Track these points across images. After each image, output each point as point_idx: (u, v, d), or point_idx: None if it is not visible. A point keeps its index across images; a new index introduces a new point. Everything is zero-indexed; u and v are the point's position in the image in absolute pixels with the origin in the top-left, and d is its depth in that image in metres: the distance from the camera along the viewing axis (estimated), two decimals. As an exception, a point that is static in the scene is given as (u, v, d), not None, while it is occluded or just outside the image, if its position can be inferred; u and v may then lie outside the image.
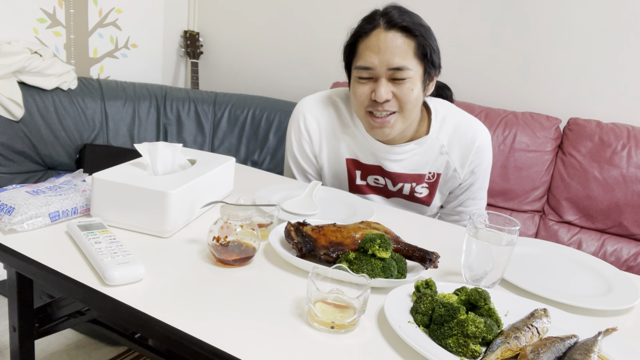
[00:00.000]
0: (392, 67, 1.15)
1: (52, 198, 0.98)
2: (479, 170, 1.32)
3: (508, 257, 0.89)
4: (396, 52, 1.14)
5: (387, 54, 1.14)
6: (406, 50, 1.15)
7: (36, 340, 1.08)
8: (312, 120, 1.34)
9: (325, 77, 2.60)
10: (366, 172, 1.34)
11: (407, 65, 1.15)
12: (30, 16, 2.29)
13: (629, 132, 1.90)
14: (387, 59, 1.15)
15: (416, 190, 1.33)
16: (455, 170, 1.30)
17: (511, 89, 2.23)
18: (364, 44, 1.18)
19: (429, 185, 1.32)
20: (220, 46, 2.95)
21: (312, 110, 1.34)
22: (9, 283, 1.00)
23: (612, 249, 1.90)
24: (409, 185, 1.32)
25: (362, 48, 1.19)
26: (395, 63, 1.15)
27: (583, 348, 0.72)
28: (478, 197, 1.37)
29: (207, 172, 1.07)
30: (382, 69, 1.16)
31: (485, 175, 1.36)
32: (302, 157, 1.38)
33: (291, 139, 1.38)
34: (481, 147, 1.30)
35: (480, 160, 1.31)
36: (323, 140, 1.34)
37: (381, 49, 1.15)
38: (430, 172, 1.30)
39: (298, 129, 1.35)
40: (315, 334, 0.73)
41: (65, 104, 2.21)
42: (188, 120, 2.45)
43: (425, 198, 1.34)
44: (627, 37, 1.99)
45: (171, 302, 0.77)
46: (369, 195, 1.38)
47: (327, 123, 1.33)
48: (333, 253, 0.90)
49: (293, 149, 1.38)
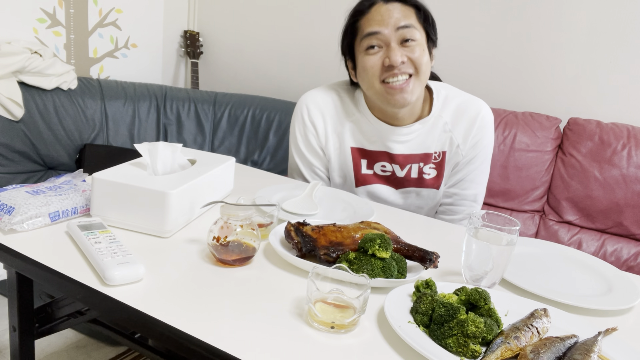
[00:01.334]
0: (400, 25, 1.17)
1: (52, 198, 0.98)
2: (480, 146, 1.31)
3: (508, 257, 0.89)
4: (400, 16, 1.18)
5: (393, 18, 1.18)
6: (409, 14, 1.20)
7: (36, 340, 1.08)
8: (316, 112, 1.33)
9: (325, 77, 2.59)
10: (372, 160, 1.32)
11: (412, 24, 1.19)
12: (30, 16, 2.29)
13: (629, 132, 1.90)
14: (394, 21, 1.18)
15: (424, 171, 1.31)
16: (458, 147, 1.30)
17: (511, 89, 2.23)
18: (365, 19, 1.21)
19: (436, 165, 1.31)
20: (220, 46, 2.95)
21: (315, 101, 1.34)
22: (9, 283, 1.00)
23: (612, 249, 1.90)
24: (416, 166, 1.31)
25: (364, 22, 1.21)
26: (402, 22, 1.18)
27: (583, 348, 0.72)
28: (476, 181, 1.34)
29: (207, 172, 1.07)
30: (391, 30, 1.18)
31: (485, 156, 1.34)
32: (309, 151, 1.36)
33: (296, 134, 1.37)
34: (484, 121, 1.30)
35: (482, 135, 1.31)
36: (329, 130, 1.33)
37: (384, 17, 1.18)
38: (436, 152, 1.31)
39: (302, 122, 1.34)
40: (315, 334, 0.73)
41: (65, 104, 2.21)
42: (188, 120, 2.45)
43: (433, 180, 1.33)
44: (627, 37, 1.99)
45: (171, 302, 0.77)
46: (376, 186, 1.35)
47: (331, 112, 1.33)
48: (333, 253, 0.90)
49: (299, 144, 1.36)
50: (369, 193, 1.36)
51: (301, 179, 1.40)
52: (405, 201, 1.37)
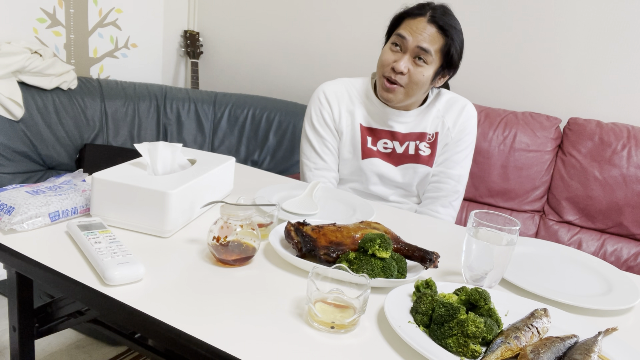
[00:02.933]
0: (419, 45, 1.38)
1: (52, 198, 0.98)
2: (465, 133, 1.53)
3: (508, 257, 0.89)
4: (427, 39, 1.39)
5: (420, 36, 1.39)
6: (434, 42, 1.39)
7: (36, 340, 1.08)
8: (331, 93, 1.56)
9: (326, 77, 2.58)
10: (377, 137, 1.53)
11: (430, 51, 1.39)
12: (30, 16, 2.29)
13: (629, 132, 1.90)
14: (419, 39, 1.38)
15: (420, 148, 1.53)
16: (449, 129, 1.52)
17: (511, 89, 2.23)
18: (408, 21, 1.42)
19: (430, 145, 1.53)
20: (220, 46, 2.95)
21: (331, 86, 1.58)
22: (9, 283, 1.00)
23: (612, 249, 1.90)
24: (413, 143, 1.52)
25: (406, 23, 1.42)
26: (423, 44, 1.38)
27: (583, 348, 0.72)
28: (460, 163, 1.53)
29: (207, 172, 1.07)
30: (412, 44, 1.39)
31: (469, 143, 1.54)
32: (322, 126, 1.55)
33: (311, 113, 1.57)
34: (469, 114, 1.53)
35: (468, 124, 1.53)
36: (342, 110, 1.54)
37: (418, 31, 1.39)
38: (430, 133, 1.53)
39: (318, 101, 1.56)
40: (315, 334, 0.73)
41: (65, 103, 2.21)
42: (188, 120, 2.45)
43: (427, 157, 1.53)
44: (627, 37, 1.99)
45: (171, 302, 0.77)
46: (377, 160, 1.53)
47: (344, 96, 1.56)
48: (333, 253, 0.90)
49: (313, 121, 1.56)
50: (372, 166, 1.53)
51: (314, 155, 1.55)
52: (404, 178, 1.54)
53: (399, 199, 1.56)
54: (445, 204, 1.52)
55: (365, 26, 2.48)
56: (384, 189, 1.54)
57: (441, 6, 1.43)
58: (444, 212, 1.51)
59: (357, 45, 2.53)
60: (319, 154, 1.54)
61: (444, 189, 1.53)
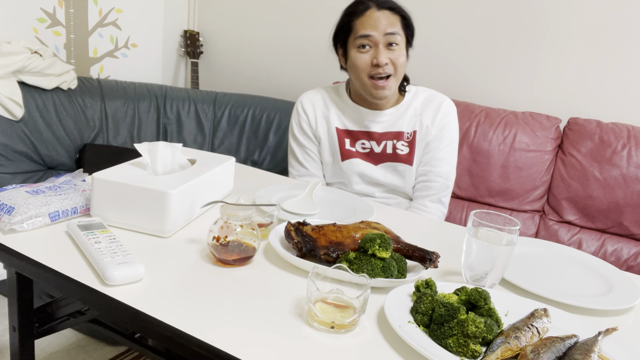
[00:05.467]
0: (387, 32, 1.43)
1: (52, 198, 0.98)
2: (446, 130, 1.55)
3: (508, 257, 0.89)
4: (388, 23, 1.44)
5: (382, 24, 1.43)
6: (395, 22, 1.45)
7: (36, 340, 1.08)
8: (307, 102, 1.61)
9: (326, 77, 2.59)
10: (354, 138, 1.57)
11: (397, 32, 1.44)
12: (30, 16, 2.29)
13: (629, 132, 1.90)
14: (383, 27, 1.43)
15: (397, 147, 1.55)
16: (427, 127, 1.54)
17: (511, 89, 2.23)
18: (359, 21, 1.46)
19: (408, 143, 1.56)
20: (220, 46, 2.95)
21: (307, 96, 1.63)
22: (9, 283, 1.00)
23: (612, 249, 1.90)
24: (391, 142, 1.55)
25: (359, 24, 1.46)
26: (390, 29, 1.43)
27: (583, 348, 0.72)
28: (445, 160, 1.56)
29: (207, 172, 1.07)
30: (380, 35, 1.43)
31: (451, 139, 1.56)
32: (302, 135, 1.61)
33: (292, 123, 1.63)
34: (447, 109, 1.56)
35: (447, 120, 1.55)
36: (318, 116, 1.59)
37: (376, 22, 1.43)
38: (408, 132, 1.55)
39: (297, 113, 1.62)
40: (315, 334, 0.73)
41: (65, 103, 2.20)
42: (188, 120, 2.45)
43: (406, 156, 1.56)
44: (627, 37, 1.99)
45: (171, 302, 0.77)
46: (357, 160, 1.56)
47: (319, 103, 1.61)
48: (333, 253, 0.90)
49: (294, 131, 1.62)
50: (353, 166, 1.56)
51: (297, 164, 1.63)
52: (385, 176, 1.57)
53: (385, 194, 1.60)
54: (434, 200, 1.56)
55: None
56: (367, 187, 1.58)
57: None
58: (432, 207, 1.55)
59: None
60: (301, 162, 1.61)
61: (434, 187, 1.56)
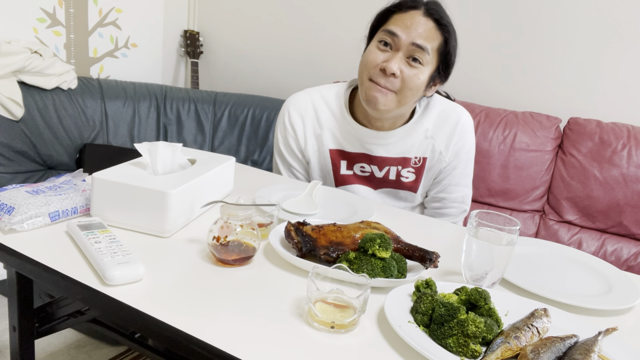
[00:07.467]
0: (415, 42, 1.19)
1: (52, 198, 0.98)
2: (462, 153, 1.36)
3: (508, 257, 0.89)
4: (424, 34, 1.19)
5: (416, 32, 1.19)
6: (432, 39, 1.20)
7: (36, 340, 1.08)
8: (296, 116, 1.36)
9: (326, 77, 2.59)
10: (352, 161, 1.35)
11: (427, 49, 1.19)
12: (30, 16, 2.29)
13: (629, 131, 1.90)
14: (414, 35, 1.19)
15: (402, 175, 1.35)
16: (441, 153, 1.33)
17: (511, 88, 2.23)
18: (398, 16, 1.22)
19: (415, 170, 1.35)
20: (220, 46, 2.95)
21: (296, 105, 1.37)
22: (9, 283, 1.00)
23: (612, 249, 1.90)
24: (394, 169, 1.34)
25: (396, 18, 1.23)
26: (419, 41, 1.19)
27: (583, 348, 0.72)
28: (461, 184, 1.39)
29: (207, 171, 1.06)
30: (406, 41, 1.19)
31: (468, 160, 1.38)
32: (288, 153, 1.40)
33: (277, 136, 1.41)
34: (464, 128, 1.34)
35: (464, 141, 1.35)
36: (307, 133, 1.36)
37: (412, 26, 1.19)
38: (417, 157, 1.34)
39: (283, 125, 1.38)
40: (315, 333, 0.73)
41: (65, 103, 2.21)
42: (188, 120, 2.45)
43: (411, 183, 1.36)
44: (627, 37, 1.99)
45: (171, 302, 0.77)
46: (355, 186, 1.38)
47: (310, 116, 1.36)
48: (333, 253, 0.90)
49: (279, 145, 1.41)
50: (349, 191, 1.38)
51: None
52: (384, 201, 1.40)
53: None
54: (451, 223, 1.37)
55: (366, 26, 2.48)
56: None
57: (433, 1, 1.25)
58: None
59: (357, 46, 2.53)
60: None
61: (450, 213, 1.40)
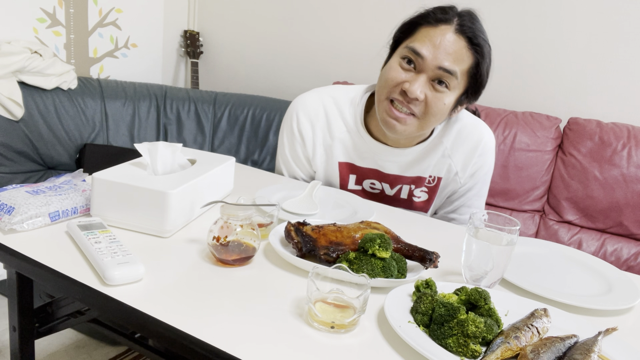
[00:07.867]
0: (442, 66, 1.07)
1: (52, 198, 0.98)
2: (480, 174, 1.28)
3: (508, 257, 0.89)
4: (453, 57, 1.07)
5: (444, 53, 1.07)
6: (462, 60, 1.08)
7: (36, 340, 1.08)
8: (306, 122, 1.26)
9: (326, 77, 2.60)
10: (362, 177, 1.27)
11: (456, 73, 1.08)
12: (30, 16, 2.29)
13: (629, 131, 1.90)
14: (442, 57, 1.07)
15: (414, 194, 1.27)
16: (457, 174, 1.25)
17: (511, 89, 2.23)
18: (426, 31, 1.09)
19: (428, 189, 1.27)
20: (220, 46, 2.95)
21: (306, 110, 1.27)
22: (9, 283, 1.00)
23: (612, 249, 1.90)
24: (407, 187, 1.26)
25: (424, 34, 1.09)
26: (447, 65, 1.07)
27: (583, 348, 0.72)
28: (474, 206, 1.30)
29: (207, 172, 1.06)
30: (432, 64, 1.07)
31: (484, 182, 1.30)
32: (295, 160, 1.31)
33: (283, 140, 1.31)
34: (485, 149, 1.25)
35: (482, 162, 1.26)
36: (317, 142, 1.26)
37: (441, 46, 1.07)
38: (431, 176, 1.25)
39: (290, 130, 1.28)
40: (315, 334, 0.73)
41: (65, 103, 2.21)
42: (188, 120, 2.45)
43: (423, 204, 1.29)
44: (627, 37, 1.99)
45: (171, 302, 0.77)
46: None
47: (321, 123, 1.25)
48: (333, 253, 0.90)
49: (285, 151, 1.32)
50: None
51: None
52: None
53: None
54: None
55: (366, 27, 2.48)
56: None
57: (469, 12, 1.11)
58: None
59: (358, 46, 2.53)
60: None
61: None
